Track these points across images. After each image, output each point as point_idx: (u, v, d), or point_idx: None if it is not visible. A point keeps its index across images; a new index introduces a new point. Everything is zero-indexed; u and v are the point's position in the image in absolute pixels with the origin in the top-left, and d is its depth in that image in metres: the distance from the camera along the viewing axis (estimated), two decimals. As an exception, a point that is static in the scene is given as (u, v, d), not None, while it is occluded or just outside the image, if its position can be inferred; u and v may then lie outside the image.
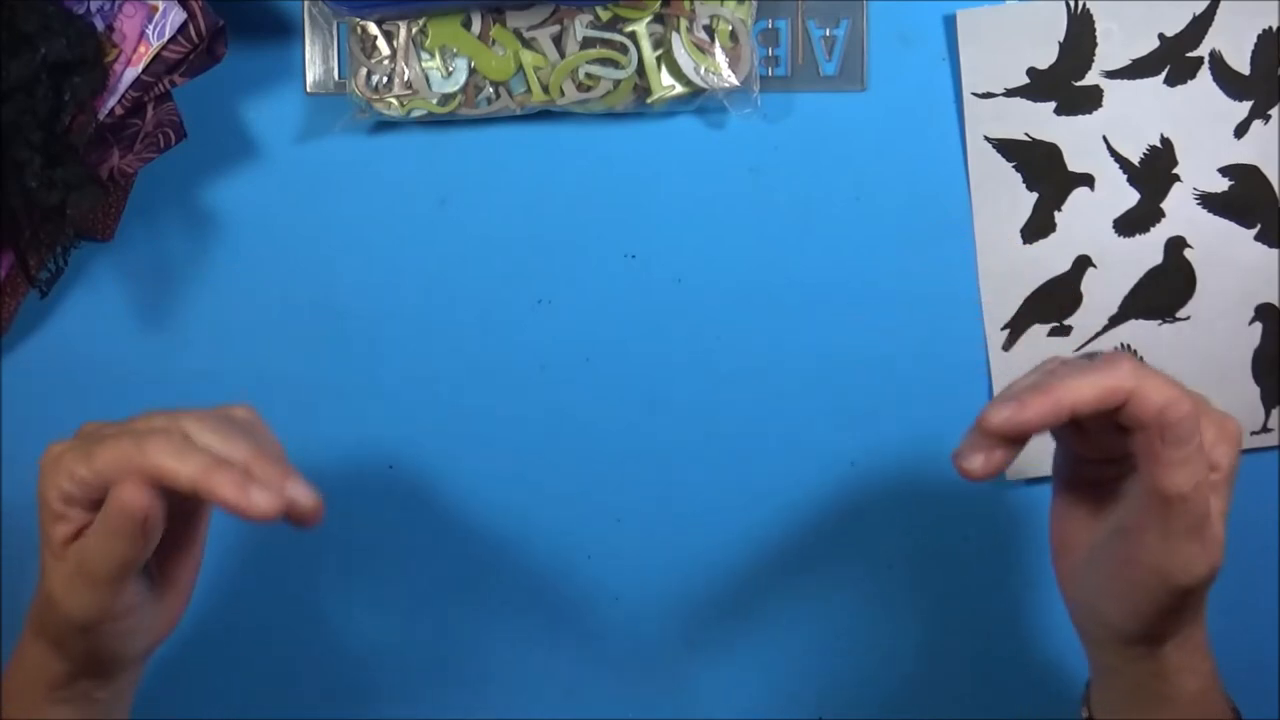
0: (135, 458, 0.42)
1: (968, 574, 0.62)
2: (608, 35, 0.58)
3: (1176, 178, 0.61)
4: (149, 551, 0.43)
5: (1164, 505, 0.42)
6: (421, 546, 0.62)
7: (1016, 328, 0.62)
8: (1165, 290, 0.62)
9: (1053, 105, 0.61)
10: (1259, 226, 0.62)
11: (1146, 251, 0.62)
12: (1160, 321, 0.62)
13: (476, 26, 0.58)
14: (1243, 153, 0.61)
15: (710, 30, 0.58)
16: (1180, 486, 0.42)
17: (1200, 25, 0.60)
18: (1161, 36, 0.60)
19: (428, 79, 0.58)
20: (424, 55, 0.58)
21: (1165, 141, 0.61)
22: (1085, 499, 0.47)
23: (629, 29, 0.58)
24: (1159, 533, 0.43)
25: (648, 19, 0.58)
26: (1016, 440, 0.44)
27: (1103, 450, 0.46)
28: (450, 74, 0.58)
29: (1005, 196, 0.61)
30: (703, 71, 0.58)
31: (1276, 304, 0.62)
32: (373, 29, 0.58)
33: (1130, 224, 0.62)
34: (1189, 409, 0.42)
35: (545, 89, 0.58)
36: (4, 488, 0.61)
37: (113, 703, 0.49)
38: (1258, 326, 0.62)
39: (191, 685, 0.61)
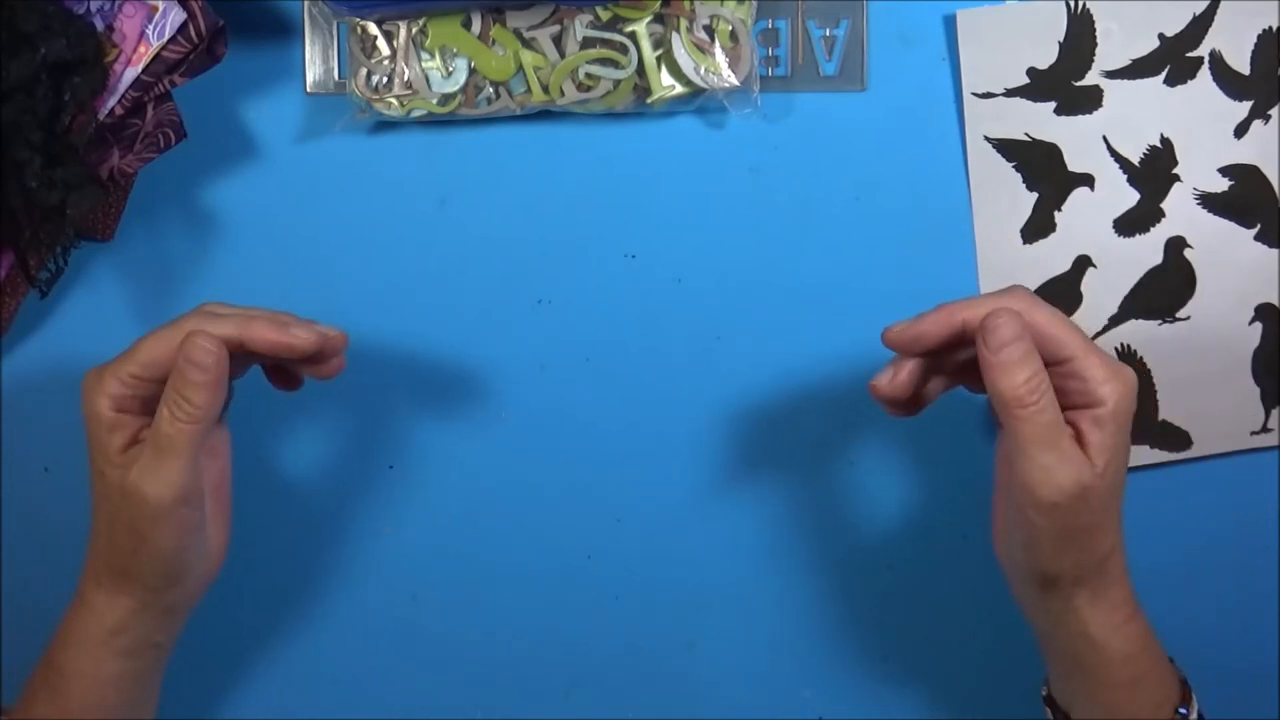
0: (174, 335, 0.48)
1: (968, 574, 0.62)
2: (608, 35, 0.58)
3: (1176, 178, 0.61)
4: (220, 404, 0.48)
5: (1006, 413, 0.45)
6: (421, 546, 0.62)
7: (1016, 328, 0.62)
8: (1165, 290, 0.62)
9: (1053, 105, 0.61)
10: (1259, 226, 0.62)
11: (1146, 251, 0.62)
12: (1160, 321, 0.62)
13: (476, 26, 0.58)
14: (1243, 153, 0.61)
15: (710, 30, 0.58)
16: (1012, 388, 0.45)
17: (1200, 25, 0.60)
18: (1161, 36, 0.61)
19: (428, 79, 0.58)
20: (424, 55, 0.58)
21: (1165, 141, 0.61)
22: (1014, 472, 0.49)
23: (629, 29, 0.58)
24: (1016, 449, 0.45)
25: (648, 19, 0.58)
26: (915, 352, 0.49)
27: None
28: (450, 74, 0.58)
29: (1005, 196, 0.61)
30: (703, 71, 0.58)
31: (1276, 304, 0.62)
32: (373, 29, 0.58)
33: (1130, 224, 0.62)
34: (1007, 315, 0.45)
35: (545, 89, 0.58)
36: (4, 488, 0.61)
37: (163, 655, 0.52)
38: (1258, 326, 0.62)
39: (191, 685, 0.61)
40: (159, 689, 0.53)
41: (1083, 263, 0.61)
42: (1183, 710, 0.49)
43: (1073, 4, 0.60)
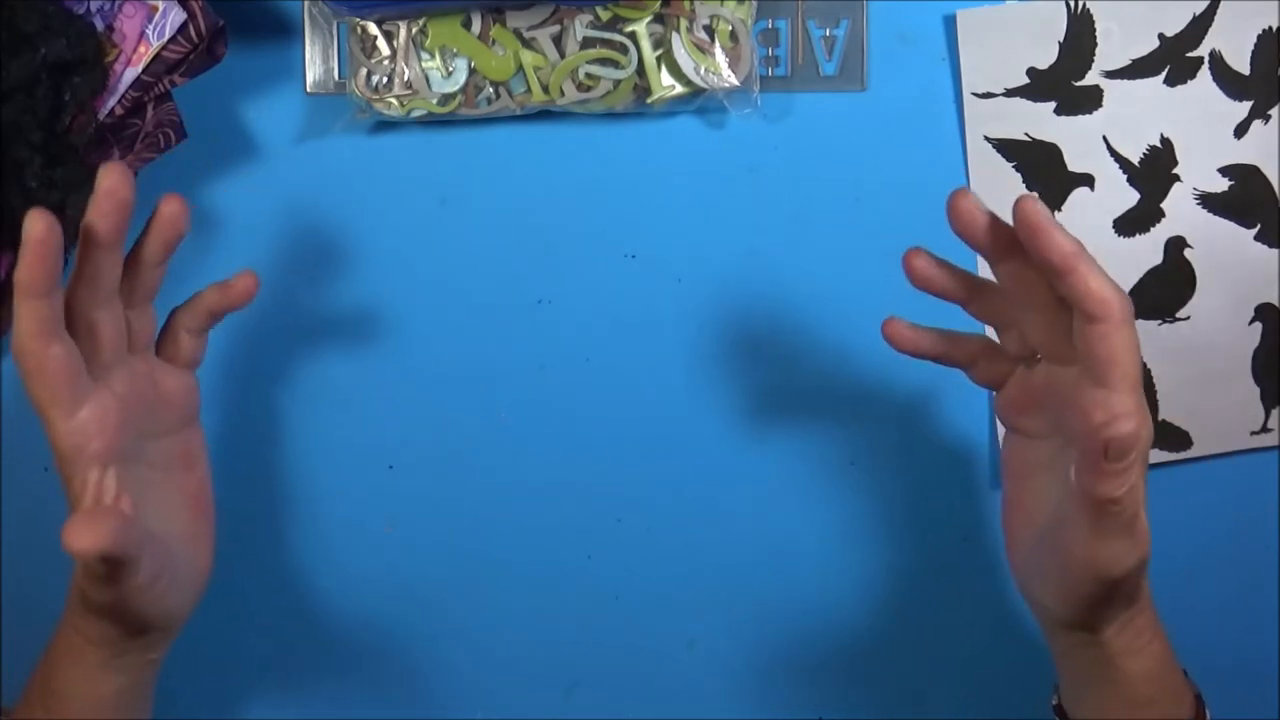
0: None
1: (968, 574, 0.62)
2: (608, 35, 0.58)
3: (1176, 178, 0.61)
4: (131, 572, 0.44)
5: (1098, 508, 0.43)
6: (421, 546, 0.62)
7: (1016, 328, 0.62)
8: (1165, 290, 0.62)
9: (1053, 105, 0.61)
10: (1259, 226, 0.62)
11: (1146, 251, 0.62)
12: (1160, 321, 0.62)
13: (476, 26, 0.58)
14: (1243, 153, 0.61)
15: (710, 30, 0.58)
16: (1111, 494, 0.42)
17: (1200, 25, 0.60)
18: (1161, 36, 0.61)
19: (428, 79, 0.58)
20: (424, 55, 0.58)
21: (1165, 141, 0.61)
22: (1030, 488, 0.48)
23: (629, 29, 0.58)
24: (1091, 529, 0.44)
25: (648, 19, 0.58)
26: (1015, 246, 0.46)
27: (1049, 425, 0.47)
28: (450, 74, 0.58)
29: (1005, 196, 0.61)
30: (703, 71, 0.58)
31: (1276, 304, 0.62)
32: (373, 29, 0.58)
33: (1130, 224, 0.62)
34: (1132, 424, 0.41)
35: (545, 89, 0.58)
36: (4, 488, 0.61)
37: (159, 664, 0.50)
38: (1258, 326, 0.62)
39: (191, 685, 0.61)
40: (153, 693, 0.52)
41: (1083, 263, 0.61)
42: None
43: (1073, 4, 0.60)
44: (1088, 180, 0.61)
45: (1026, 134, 0.61)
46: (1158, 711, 0.48)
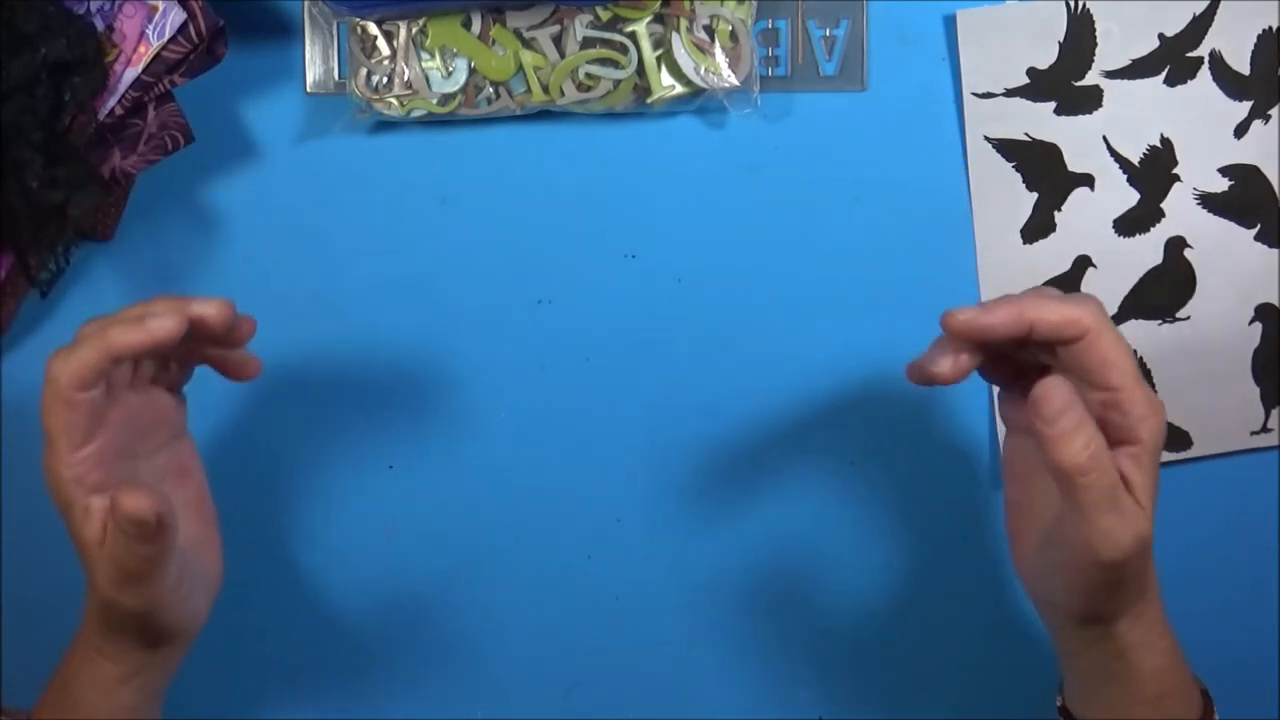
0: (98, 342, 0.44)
1: (968, 574, 0.62)
2: (608, 35, 0.58)
3: (1176, 178, 0.61)
4: (173, 540, 0.45)
5: (1067, 481, 0.43)
6: (421, 546, 0.62)
7: (1016, 328, 0.62)
8: (1165, 290, 0.62)
9: (1053, 105, 0.61)
10: (1259, 226, 0.62)
11: (1146, 251, 0.62)
12: (1160, 321, 0.62)
13: (476, 26, 0.58)
14: (1243, 153, 0.61)
15: (710, 30, 0.58)
16: (1072, 458, 0.43)
17: (1200, 25, 0.60)
18: (1161, 36, 0.61)
19: (428, 79, 0.58)
20: (424, 55, 0.58)
21: (1165, 141, 0.61)
22: (1032, 488, 0.48)
23: (629, 29, 0.58)
24: (1074, 510, 0.44)
25: (648, 19, 0.58)
26: (978, 344, 0.47)
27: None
28: (450, 74, 0.58)
29: (1005, 196, 0.61)
30: (703, 71, 0.58)
31: (1276, 304, 0.62)
32: (373, 29, 0.58)
33: (1130, 224, 0.62)
34: (1056, 384, 0.43)
35: (545, 89, 0.58)
36: (4, 487, 0.61)
37: (173, 673, 0.51)
38: (1258, 326, 0.62)
39: (190, 686, 0.61)
40: (164, 698, 0.53)
41: (1083, 263, 0.61)
42: None
43: (1073, 4, 0.60)
44: (1088, 180, 0.61)
45: (1026, 134, 0.61)
46: (1167, 708, 0.48)
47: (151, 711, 0.51)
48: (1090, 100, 0.61)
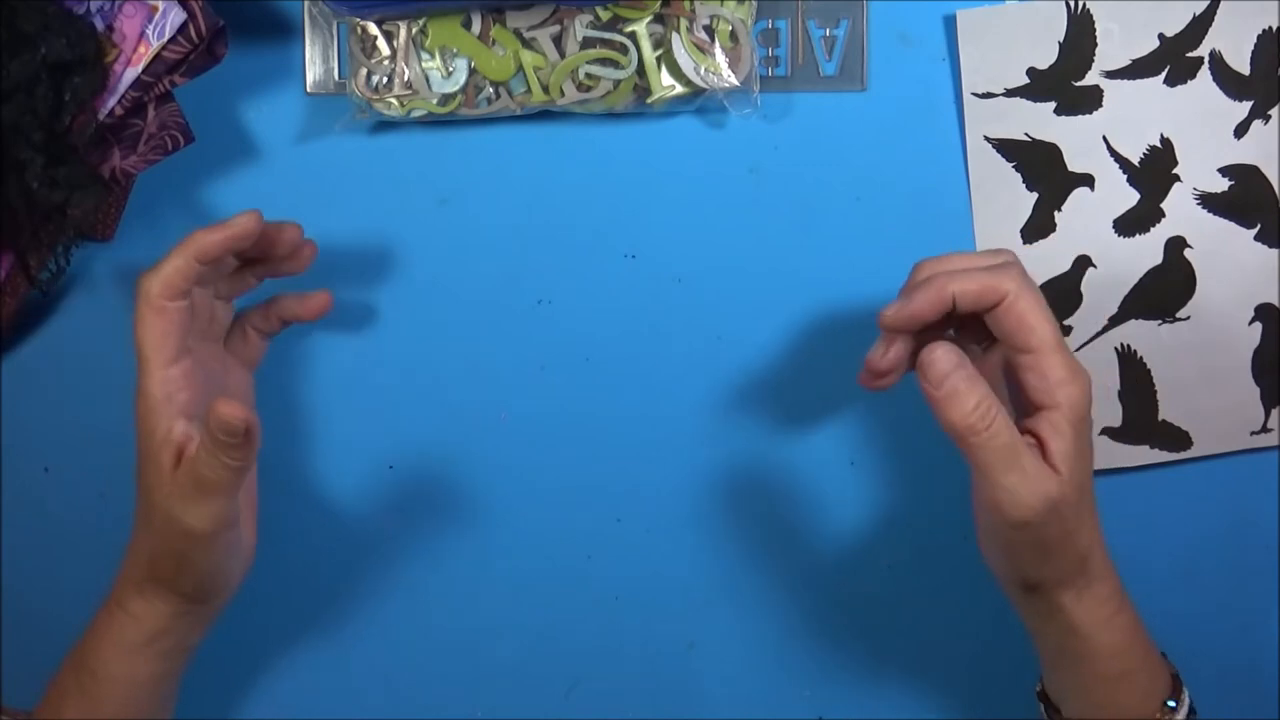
0: (144, 308, 0.48)
1: (967, 574, 0.62)
2: (608, 35, 0.58)
3: (1176, 178, 0.61)
4: (253, 457, 0.47)
5: (961, 442, 0.45)
6: (421, 546, 0.62)
7: (1016, 328, 0.62)
8: (1165, 290, 0.62)
9: (1053, 105, 0.61)
10: (1259, 226, 0.62)
11: (1146, 251, 0.62)
12: (1160, 321, 0.62)
13: (476, 26, 0.58)
14: (1243, 153, 0.61)
15: (710, 30, 0.58)
16: (962, 418, 0.45)
17: (1200, 25, 0.60)
18: (1161, 36, 0.61)
19: (428, 79, 0.58)
20: (424, 55, 0.58)
21: (1165, 141, 0.61)
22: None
23: (629, 29, 0.58)
24: (977, 471, 0.45)
25: (648, 19, 0.58)
26: (912, 330, 0.49)
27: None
28: (450, 74, 0.58)
29: (1005, 196, 0.61)
30: (703, 71, 0.58)
31: (1276, 304, 0.62)
32: (373, 29, 0.58)
33: (1130, 224, 0.62)
34: (941, 349, 0.45)
35: (545, 89, 0.58)
36: (4, 488, 0.61)
37: (192, 655, 0.53)
38: (1258, 326, 0.62)
39: (192, 686, 0.61)
40: (178, 690, 0.53)
41: (1083, 263, 0.61)
42: (1171, 703, 0.49)
43: (1073, 4, 0.60)
44: (1088, 180, 0.61)
45: (1026, 134, 0.61)
46: (1131, 687, 0.48)
47: (166, 688, 0.51)
48: (1090, 100, 0.61)
